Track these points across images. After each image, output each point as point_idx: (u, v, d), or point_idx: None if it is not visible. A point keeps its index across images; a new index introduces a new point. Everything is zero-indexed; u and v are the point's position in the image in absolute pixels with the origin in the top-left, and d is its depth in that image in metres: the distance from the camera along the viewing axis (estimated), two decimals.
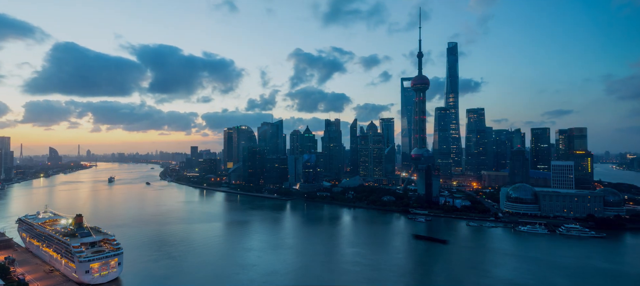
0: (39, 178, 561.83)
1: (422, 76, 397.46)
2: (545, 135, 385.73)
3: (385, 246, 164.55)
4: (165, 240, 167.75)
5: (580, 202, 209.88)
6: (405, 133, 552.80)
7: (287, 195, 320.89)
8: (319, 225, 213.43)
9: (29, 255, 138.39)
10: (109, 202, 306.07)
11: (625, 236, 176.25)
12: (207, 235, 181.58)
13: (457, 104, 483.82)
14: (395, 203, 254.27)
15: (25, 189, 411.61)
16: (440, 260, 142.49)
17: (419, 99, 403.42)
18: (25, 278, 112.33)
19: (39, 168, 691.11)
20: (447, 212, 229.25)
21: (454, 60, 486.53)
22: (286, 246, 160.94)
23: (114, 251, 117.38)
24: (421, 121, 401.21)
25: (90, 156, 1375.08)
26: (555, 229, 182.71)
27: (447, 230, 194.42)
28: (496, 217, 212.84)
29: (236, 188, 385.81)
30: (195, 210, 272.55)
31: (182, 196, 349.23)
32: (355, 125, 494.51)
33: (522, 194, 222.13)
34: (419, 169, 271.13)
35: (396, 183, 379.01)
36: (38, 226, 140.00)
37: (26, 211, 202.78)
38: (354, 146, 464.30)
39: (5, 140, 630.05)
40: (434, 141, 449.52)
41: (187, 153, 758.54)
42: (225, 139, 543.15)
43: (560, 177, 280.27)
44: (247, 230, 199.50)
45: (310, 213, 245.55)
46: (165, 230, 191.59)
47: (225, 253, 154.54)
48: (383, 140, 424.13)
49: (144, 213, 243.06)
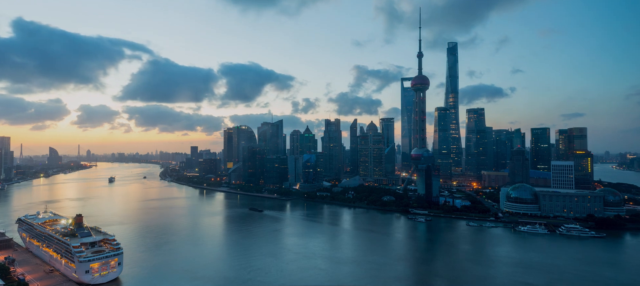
0: (39, 178, 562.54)
1: (422, 76, 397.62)
2: (545, 135, 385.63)
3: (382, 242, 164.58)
4: (163, 237, 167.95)
5: (580, 202, 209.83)
6: (405, 133, 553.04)
7: (287, 195, 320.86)
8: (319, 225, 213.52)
9: (29, 255, 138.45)
10: (109, 202, 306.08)
11: (625, 236, 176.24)
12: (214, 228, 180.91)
13: (457, 104, 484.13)
14: (395, 203, 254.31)
15: (26, 189, 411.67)
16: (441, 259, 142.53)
17: (419, 99, 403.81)
18: (25, 278, 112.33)
19: (39, 168, 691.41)
20: (447, 212, 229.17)
21: (454, 60, 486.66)
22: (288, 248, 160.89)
23: (114, 251, 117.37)
24: (421, 121, 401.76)
25: (90, 156, 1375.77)
26: (555, 229, 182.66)
27: (447, 229, 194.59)
28: (496, 217, 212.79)
29: (236, 188, 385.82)
30: (196, 210, 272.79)
31: (183, 194, 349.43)
32: (355, 125, 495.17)
33: (522, 194, 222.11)
34: (419, 169, 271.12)
35: (396, 183, 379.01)
36: (38, 226, 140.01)
37: (26, 211, 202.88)
38: (354, 146, 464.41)
39: (5, 140, 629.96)
40: (434, 141, 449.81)
41: (187, 153, 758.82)
42: (225, 139, 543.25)
43: (560, 177, 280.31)
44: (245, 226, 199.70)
45: (310, 213, 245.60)
46: (165, 228, 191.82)
47: (226, 252, 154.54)
48: (383, 140, 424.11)
49: (139, 213, 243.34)
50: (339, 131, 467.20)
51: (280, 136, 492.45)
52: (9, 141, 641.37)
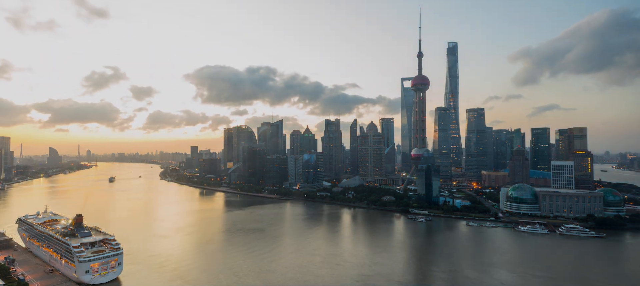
0: (39, 178, 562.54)
1: (422, 76, 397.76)
2: (545, 135, 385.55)
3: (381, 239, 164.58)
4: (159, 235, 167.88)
5: (580, 202, 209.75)
6: (405, 133, 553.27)
7: (287, 195, 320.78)
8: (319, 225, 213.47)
9: (29, 255, 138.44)
10: (109, 201, 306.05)
11: (625, 237, 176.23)
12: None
13: (457, 104, 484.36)
14: (395, 203, 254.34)
15: (26, 189, 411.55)
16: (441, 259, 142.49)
17: (419, 99, 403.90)
18: (25, 278, 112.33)
19: (39, 168, 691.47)
20: (447, 212, 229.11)
21: (454, 60, 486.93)
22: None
23: (114, 251, 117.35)
24: (421, 121, 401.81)
25: (90, 156, 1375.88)
26: (556, 229, 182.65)
27: (447, 230, 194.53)
28: (496, 217, 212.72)
29: (236, 188, 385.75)
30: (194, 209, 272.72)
31: (182, 194, 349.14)
32: (355, 125, 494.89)
33: (522, 194, 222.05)
34: (419, 169, 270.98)
35: (396, 183, 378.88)
36: (38, 226, 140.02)
37: (26, 211, 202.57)
38: (354, 146, 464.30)
39: (5, 140, 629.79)
40: (434, 141, 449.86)
41: (187, 154, 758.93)
42: (225, 139, 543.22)
43: (560, 177, 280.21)
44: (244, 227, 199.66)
45: (310, 213, 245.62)
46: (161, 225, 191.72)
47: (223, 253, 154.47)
48: (383, 140, 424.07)
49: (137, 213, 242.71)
50: (339, 131, 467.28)
51: (280, 136, 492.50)
52: (9, 141, 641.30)
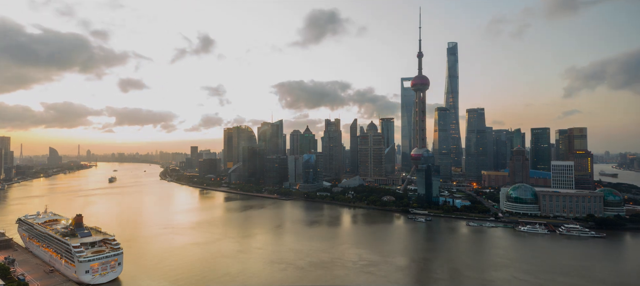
0: (39, 178, 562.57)
1: (422, 76, 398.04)
2: (545, 135, 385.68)
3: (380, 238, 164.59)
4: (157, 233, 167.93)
5: (580, 202, 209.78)
6: (405, 133, 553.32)
7: (287, 195, 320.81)
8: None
9: (29, 255, 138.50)
10: (109, 201, 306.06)
11: (625, 237, 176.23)
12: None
13: (457, 104, 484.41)
14: (395, 203, 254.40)
15: (26, 189, 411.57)
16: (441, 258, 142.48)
17: (419, 99, 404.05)
18: (25, 278, 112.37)
19: (39, 168, 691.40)
20: (447, 212, 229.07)
21: (454, 60, 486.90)
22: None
23: (113, 252, 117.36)
24: (421, 121, 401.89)
25: (90, 156, 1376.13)
26: (556, 229, 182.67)
27: (447, 230, 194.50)
28: (496, 217, 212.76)
29: (236, 188, 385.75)
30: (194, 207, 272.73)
31: (182, 194, 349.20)
32: (355, 125, 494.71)
33: (522, 194, 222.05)
34: (419, 169, 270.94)
35: (396, 183, 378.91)
36: (38, 226, 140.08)
37: (26, 211, 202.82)
38: (354, 146, 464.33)
39: (5, 140, 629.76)
40: (434, 141, 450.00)
41: (187, 154, 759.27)
42: (225, 139, 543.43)
43: (560, 177, 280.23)
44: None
45: (310, 213, 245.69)
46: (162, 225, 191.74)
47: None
48: (383, 140, 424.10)
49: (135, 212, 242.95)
50: (339, 131, 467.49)
51: (280, 136, 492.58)
52: (9, 141, 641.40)
